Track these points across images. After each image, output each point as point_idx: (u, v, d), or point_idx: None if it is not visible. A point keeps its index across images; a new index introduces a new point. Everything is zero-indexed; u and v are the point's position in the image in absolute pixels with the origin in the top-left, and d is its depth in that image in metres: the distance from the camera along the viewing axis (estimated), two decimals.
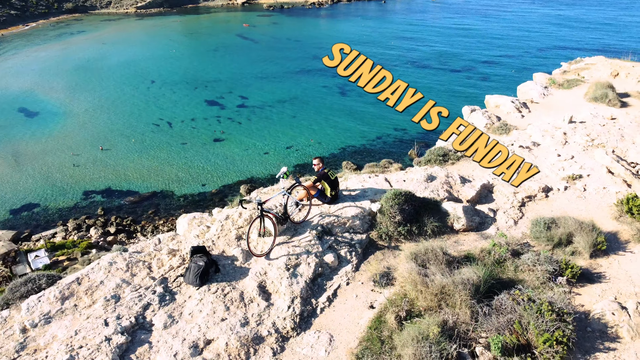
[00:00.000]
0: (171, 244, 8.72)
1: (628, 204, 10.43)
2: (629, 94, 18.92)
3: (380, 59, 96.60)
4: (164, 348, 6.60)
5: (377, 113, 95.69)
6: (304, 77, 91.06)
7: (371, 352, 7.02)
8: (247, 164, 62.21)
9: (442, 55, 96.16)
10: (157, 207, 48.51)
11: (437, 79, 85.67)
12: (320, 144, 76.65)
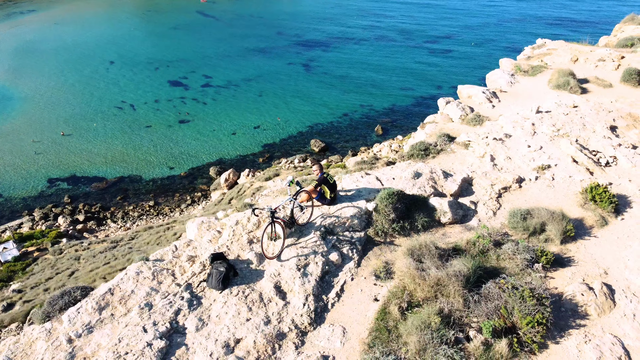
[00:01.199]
0: (188, 250, 9.37)
1: (591, 192, 11.69)
2: (588, 79, 20.34)
3: (344, 35, 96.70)
4: (199, 349, 7.36)
5: (343, 90, 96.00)
6: (268, 54, 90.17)
7: (380, 341, 7.99)
8: (215, 145, 62.05)
9: (406, 31, 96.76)
10: (126, 193, 48.19)
11: (401, 54, 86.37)
12: (287, 123, 76.93)
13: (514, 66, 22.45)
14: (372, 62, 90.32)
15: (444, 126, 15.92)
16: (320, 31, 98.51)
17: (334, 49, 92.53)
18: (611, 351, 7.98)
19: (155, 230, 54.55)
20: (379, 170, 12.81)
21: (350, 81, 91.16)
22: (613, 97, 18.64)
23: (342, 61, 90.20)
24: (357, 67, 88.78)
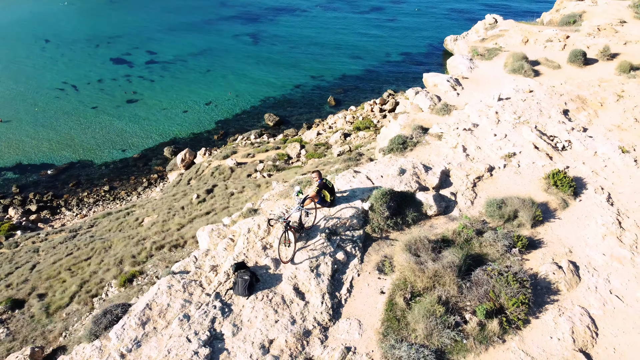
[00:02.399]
0: (207, 260, 10.16)
1: (553, 178, 13.27)
2: (538, 61, 22.01)
3: (291, 6, 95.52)
4: (239, 352, 8.32)
5: (293, 61, 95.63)
6: (213, 27, 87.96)
7: (392, 330, 9.21)
8: (167, 124, 61.08)
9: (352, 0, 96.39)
10: (78, 179, 47.20)
11: (348, 23, 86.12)
12: (239, 97, 76.35)
13: (470, 49, 23.83)
14: (320, 32, 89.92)
15: (415, 117, 17.09)
16: (265, 1, 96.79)
17: (281, 20, 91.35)
18: (580, 321, 9.57)
19: (115, 216, 53.94)
20: (365, 166, 13.84)
21: (300, 52, 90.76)
22: (562, 79, 20.41)
23: (290, 32, 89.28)
24: (305, 38, 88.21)
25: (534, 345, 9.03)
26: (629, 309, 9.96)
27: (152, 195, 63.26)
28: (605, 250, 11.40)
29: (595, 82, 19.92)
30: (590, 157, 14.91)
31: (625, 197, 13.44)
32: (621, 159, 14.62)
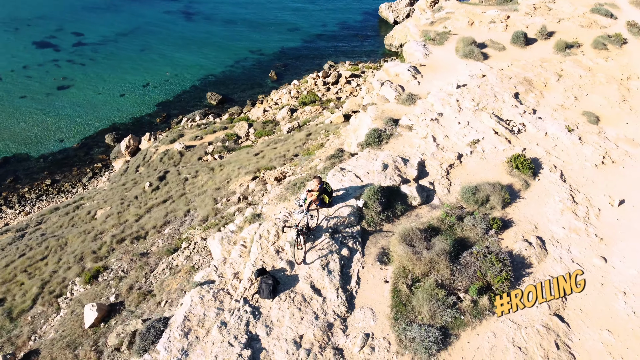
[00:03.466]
0: (227, 268, 11.11)
1: (515, 161, 15.03)
2: (485, 43, 23.76)
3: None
4: (276, 350, 9.48)
5: (230, 36, 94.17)
6: (141, 3, 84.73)
7: (401, 314, 10.63)
8: (105, 110, 59.32)
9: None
10: (16, 174, 45.79)
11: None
12: (177, 77, 74.84)
13: (422, 33, 25.22)
14: (255, 7, 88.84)
15: (384, 108, 18.35)
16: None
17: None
18: None
19: (64, 210, 52.68)
20: (348, 162, 15.01)
21: (236, 27, 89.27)
22: (508, 61, 22.27)
23: (223, 7, 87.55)
24: (239, 13, 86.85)
25: (518, 314, 10.75)
26: (588, 274, 11.90)
27: (100, 186, 61.67)
28: (564, 224, 13.33)
29: (538, 63, 21.94)
30: (542, 138, 16.83)
31: (575, 173, 15.47)
32: (568, 138, 16.64)
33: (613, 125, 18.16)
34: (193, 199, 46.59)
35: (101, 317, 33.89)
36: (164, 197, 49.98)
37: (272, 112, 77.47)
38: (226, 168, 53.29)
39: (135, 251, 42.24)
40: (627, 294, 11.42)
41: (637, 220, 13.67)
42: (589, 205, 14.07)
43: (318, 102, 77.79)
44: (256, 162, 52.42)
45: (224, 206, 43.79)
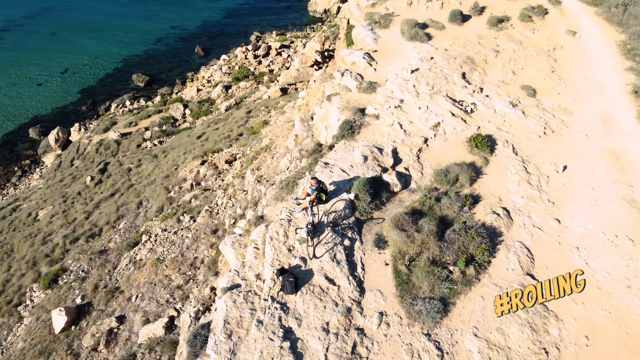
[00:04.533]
0: (247, 271, 12.31)
1: (474, 141, 17.02)
2: (426, 23, 25.47)
3: None
4: (310, 338, 10.97)
5: (148, 12, 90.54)
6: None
7: (405, 291, 12.40)
8: (23, 102, 56.79)
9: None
10: None
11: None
12: (97, 60, 71.96)
13: (365, 16, 26.46)
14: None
15: (348, 98, 19.68)
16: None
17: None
18: (521, 252, 13.57)
19: (0, 215, 50.68)
20: (329, 155, 16.34)
21: (151, 1, 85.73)
22: (450, 40, 24.16)
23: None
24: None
25: (498, 278, 12.84)
26: (547, 235, 14.22)
27: (33, 184, 59.17)
28: (522, 194, 15.55)
29: (476, 40, 24.01)
30: (492, 115, 18.95)
31: (523, 145, 17.75)
32: (514, 113, 18.87)
33: (547, 96, 20.63)
34: (143, 190, 46.18)
35: (71, 320, 33.98)
36: (111, 190, 49.09)
37: (206, 90, 76.32)
38: (170, 154, 52.83)
39: (92, 249, 41.82)
40: (579, 249, 13.83)
41: (579, 183, 16.15)
42: (539, 174, 16.39)
43: (252, 77, 77.49)
44: (201, 145, 52.34)
45: (177, 194, 43.89)
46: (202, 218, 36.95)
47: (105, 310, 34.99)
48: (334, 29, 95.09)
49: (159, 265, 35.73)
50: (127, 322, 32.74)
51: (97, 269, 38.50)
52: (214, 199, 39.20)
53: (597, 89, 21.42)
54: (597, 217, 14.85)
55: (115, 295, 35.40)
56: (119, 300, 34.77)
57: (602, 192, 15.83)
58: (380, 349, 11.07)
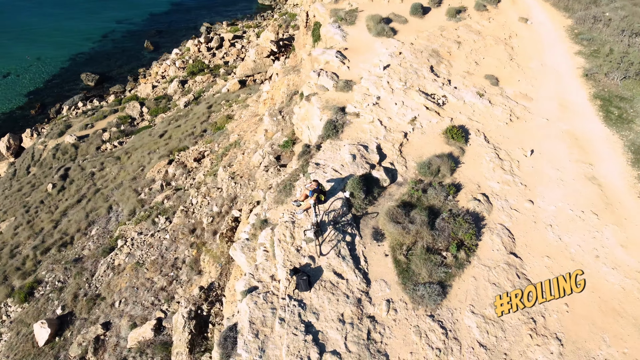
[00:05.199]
0: (261, 273, 13.23)
1: (450, 132, 18.39)
2: (390, 18, 26.58)
3: None
4: (328, 329, 12.07)
5: (91, 7, 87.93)
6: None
7: (407, 279, 13.67)
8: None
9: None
10: None
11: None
12: (42, 61, 70.18)
13: (330, 12, 27.27)
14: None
15: (327, 97, 20.60)
16: None
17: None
18: (503, 234, 15.09)
19: None
20: (318, 155, 17.29)
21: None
22: (414, 33, 25.40)
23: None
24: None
25: (486, 259, 14.31)
26: (524, 216, 15.80)
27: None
28: (497, 179, 17.08)
29: (438, 32, 25.36)
30: (462, 106, 20.39)
31: (493, 132, 19.29)
32: (481, 103, 20.38)
33: (509, 84, 22.27)
34: (111, 194, 45.74)
35: (54, 331, 34.04)
36: (76, 196, 48.30)
37: (162, 86, 75.11)
38: (134, 155, 52.27)
39: (66, 259, 41.42)
40: (552, 226, 15.49)
41: (545, 165, 17.85)
42: (510, 159, 17.98)
43: (207, 70, 76.79)
44: (165, 144, 52.03)
45: (148, 196, 43.78)
46: (178, 218, 37.18)
47: (88, 318, 34.99)
48: (285, 16, 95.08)
49: (139, 269, 35.86)
50: (114, 328, 33.02)
51: (74, 278, 38.23)
52: (187, 199, 39.41)
53: (552, 74, 23.26)
54: (565, 195, 16.57)
55: (97, 303, 35.39)
56: (102, 307, 34.83)
57: (566, 172, 17.57)
58: (392, 333, 12.31)
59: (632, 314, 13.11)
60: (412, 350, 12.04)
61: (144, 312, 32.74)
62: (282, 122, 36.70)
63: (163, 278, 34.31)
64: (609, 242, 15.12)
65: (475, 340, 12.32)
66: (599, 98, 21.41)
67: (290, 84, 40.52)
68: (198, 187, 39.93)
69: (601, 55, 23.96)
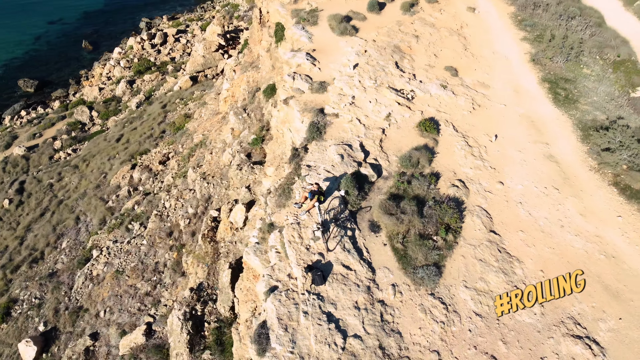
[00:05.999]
0: (278, 273, 14.60)
1: (423, 125, 20.19)
2: (350, 16, 27.96)
3: None
4: (347, 316, 13.65)
5: (16, 10, 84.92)
6: None
7: (406, 264, 15.43)
8: None
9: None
10: None
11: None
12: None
13: (292, 13, 28.28)
14: None
15: (305, 100, 21.87)
16: None
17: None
18: (482, 215, 17.11)
19: None
20: (308, 157, 18.65)
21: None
22: (374, 30, 26.93)
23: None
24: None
25: (471, 239, 16.28)
26: (496, 197, 17.88)
27: None
28: (470, 165, 19.07)
29: (396, 27, 27.03)
30: (429, 99, 22.22)
31: (460, 122, 21.26)
32: (446, 94, 22.29)
33: (467, 74, 24.31)
34: (76, 204, 45.27)
35: (40, 348, 34.36)
36: (39, 210, 47.48)
37: (109, 88, 73.35)
38: (93, 162, 51.56)
39: (40, 274, 41.10)
40: (522, 203, 17.65)
41: (509, 148, 20.01)
42: (478, 145, 20.01)
43: (155, 68, 75.52)
44: (124, 148, 51.61)
45: (116, 203, 43.72)
46: (153, 223, 37.56)
47: (74, 331, 35.18)
48: (228, 7, 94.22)
49: (120, 277, 36.21)
50: (102, 338, 33.51)
51: (51, 293, 38.05)
52: (159, 203, 39.75)
53: (503, 61, 25.52)
54: (529, 174, 18.79)
55: (81, 315, 35.56)
56: (86, 319, 35.09)
57: (527, 153, 19.81)
58: (401, 313, 14.07)
59: (595, 273, 15.46)
60: (420, 326, 13.84)
61: (131, 319, 33.30)
62: (248, 120, 37.58)
63: (146, 283, 34.84)
64: (570, 212, 17.44)
65: (471, 311, 14.27)
66: (547, 81, 23.83)
67: (250, 80, 41.31)
68: (168, 190, 40.26)
69: (544, 40, 26.43)
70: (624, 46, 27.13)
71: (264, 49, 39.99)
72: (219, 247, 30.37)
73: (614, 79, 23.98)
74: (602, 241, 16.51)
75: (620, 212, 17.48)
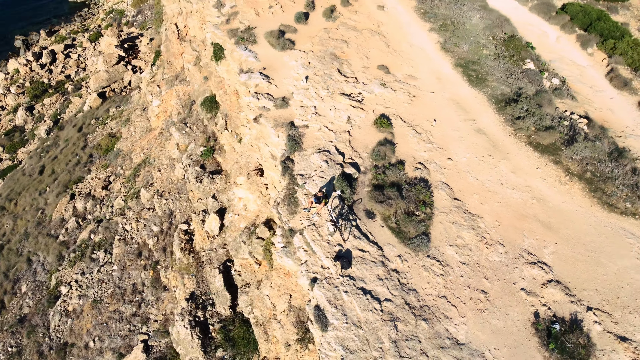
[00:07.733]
0: (312, 266, 18.46)
1: (379, 122, 24.55)
2: (283, 30, 31.17)
3: None
4: (375, 287, 17.97)
5: None
6: None
7: (402, 237, 19.94)
8: None
9: None
10: None
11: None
12: None
13: (228, 33, 30.82)
14: None
15: (274, 116, 25.15)
16: None
17: None
18: (444, 187, 22.06)
19: None
20: (296, 168, 22.27)
21: None
22: (308, 41, 30.51)
23: None
24: None
25: (442, 208, 21.15)
26: (450, 171, 22.87)
27: None
28: (424, 149, 23.84)
29: (326, 36, 30.83)
30: (375, 98, 26.58)
31: (404, 113, 25.92)
32: (387, 92, 26.79)
33: (397, 69, 28.94)
34: (21, 246, 44.79)
35: None
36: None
37: (7, 118, 69.42)
38: (21, 200, 50.42)
39: (8, 323, 41.16)
40: (469, 172, 22.82)
41: (447, 128, 25.06)
42: (424, 131, 24.85)
43: (52, 90, 72.30)
44: (53, 180, 51.00)
45: (68, 237, 44.00)
46: (118, 248, 38.85)
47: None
48: (113, 14, 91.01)
49: (100, 305, 37.52)
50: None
51: (27, 338, 38.40)
52: (117, 227, 40.75)
53: (421, 52, 30.49)
54: (468, 147, 24.00)
55: (68, 350, 36.62)
56: (76, 352, 36.32)
57: (462, 130, 25.02)
58: (411, 275, 18.65)
59: (532, 214, 21.04)
60: (427, 281, 18.53)
61: (124, 341, 35.09)
62: (192, 134, 39.65)
63: (130, 305, 36.50)
64: (504, 172, 22.91)
65: (458, 262, 19.19)
66: (459, 66, 29.22)
67: (181, 94, 43.04)
68: (123, 213, 41.24)
69: (448, 29, 31.79)
70: (507, 24, 33.37)
71: (189, 62, 41.83)
72: (200, 257, 32.91)
73: (507, 56, 29.96)
74: (531, 189, 22.13)
75: (538, 165, 23.27)
